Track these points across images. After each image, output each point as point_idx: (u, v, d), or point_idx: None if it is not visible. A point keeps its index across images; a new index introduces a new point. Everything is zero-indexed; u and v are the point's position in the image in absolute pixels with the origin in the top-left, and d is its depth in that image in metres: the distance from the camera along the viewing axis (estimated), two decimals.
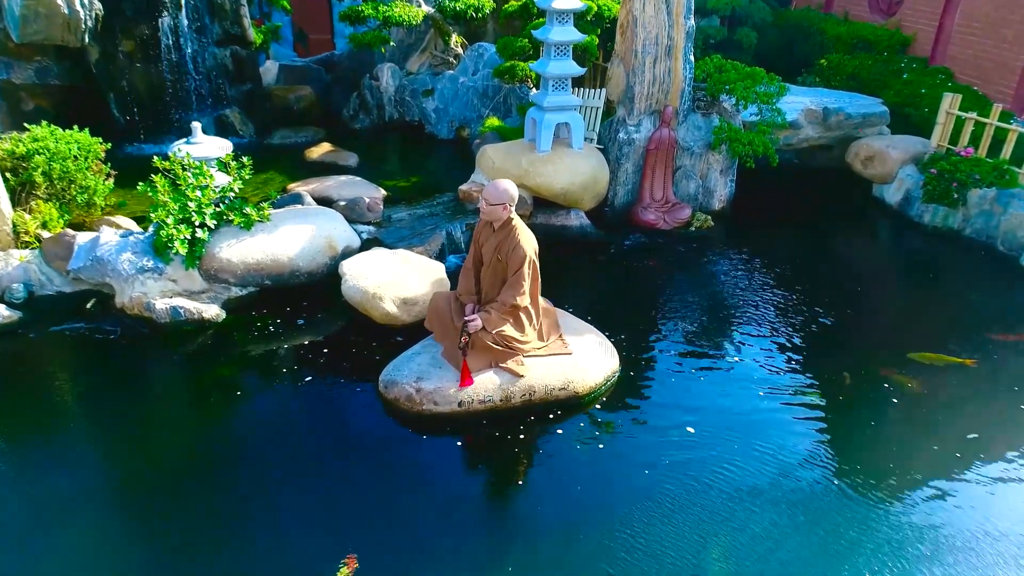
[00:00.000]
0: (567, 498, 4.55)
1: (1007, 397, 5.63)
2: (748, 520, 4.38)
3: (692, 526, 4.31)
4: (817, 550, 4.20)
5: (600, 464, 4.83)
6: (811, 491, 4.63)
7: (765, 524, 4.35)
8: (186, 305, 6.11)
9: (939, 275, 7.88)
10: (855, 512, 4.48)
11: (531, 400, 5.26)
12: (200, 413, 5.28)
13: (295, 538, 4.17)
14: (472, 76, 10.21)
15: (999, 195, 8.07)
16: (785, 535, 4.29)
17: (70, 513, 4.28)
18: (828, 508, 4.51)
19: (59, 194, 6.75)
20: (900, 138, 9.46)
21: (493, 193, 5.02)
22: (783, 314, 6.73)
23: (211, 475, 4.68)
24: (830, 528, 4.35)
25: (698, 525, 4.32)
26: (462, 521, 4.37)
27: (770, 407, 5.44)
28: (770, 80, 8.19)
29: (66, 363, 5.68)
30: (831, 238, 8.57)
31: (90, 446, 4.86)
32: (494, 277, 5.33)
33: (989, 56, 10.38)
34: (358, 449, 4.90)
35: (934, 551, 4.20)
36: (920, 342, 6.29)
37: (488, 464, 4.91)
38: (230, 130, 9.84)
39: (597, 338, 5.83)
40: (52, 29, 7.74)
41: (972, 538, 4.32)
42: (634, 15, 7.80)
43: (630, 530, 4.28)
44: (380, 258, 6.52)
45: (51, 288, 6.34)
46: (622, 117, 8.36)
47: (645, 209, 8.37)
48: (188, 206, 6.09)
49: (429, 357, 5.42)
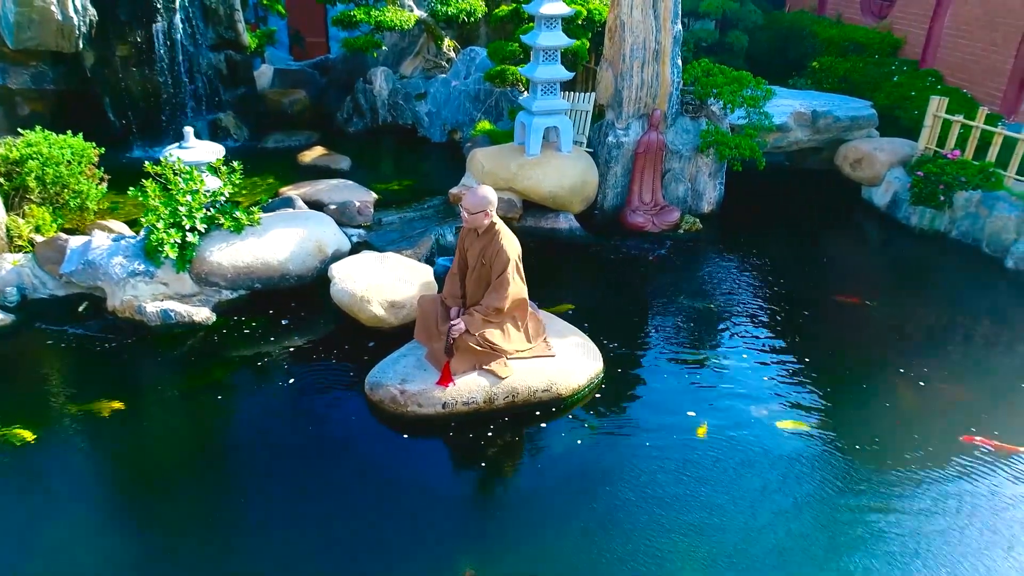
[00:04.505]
0: (545, 497, 4.64)
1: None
2: (725, 523, 4.46)
3: (669, 524, 4.40)
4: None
5: (581, 464, 4.92)
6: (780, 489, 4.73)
7: (738, 524, 4.45)
8: (177, 308, 6.20)
9: (925, 278, 7.95)
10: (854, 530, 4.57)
11: (514, 402, 5.34)
12: (188, 413, 5.37)
13: (277, 537, 4.26)
14: (464, 80, 10.29)
15: (984, 197, 8.14)
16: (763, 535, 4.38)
17: (59, 510, 4.38)
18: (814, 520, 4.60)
19: (52, 198, 6.85)
20: (888, 141, 9.52)
21: (472, 201, 5.10)
22: (768, 317, 6.80)
23: (197, 474, 4.79)
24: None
25: (675, 524, 4.41)
26: (442, 520, 4.46)
27: (749, 408, 5.52)
28: (757, 84, 8.27)
29: (57, 365, 5.76)
30: (818, 241, 8.63)
31: (78, 446, 4.95)
32: (479, 281, 5.41)
33: (978, 59, 10.45)
34: (342, 450, 4.99)
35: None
36: (905, 348, 6.38)
37: (469, 465, 4.99)
38: (224, 134, 9.94)
39: (581, 340, 5.91)
40: (46, 35, 7.84)
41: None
42: (622, 20, 7.88)
43: (609, 528, 4.37)
44: (369, 261, 6.60)
45: (44, 291, 6.43)
46: (611, 121, 8.44)
47: (634, 212, 8.45)
48: (178, 210, 6.17)
49: (414, 359, 5.50)
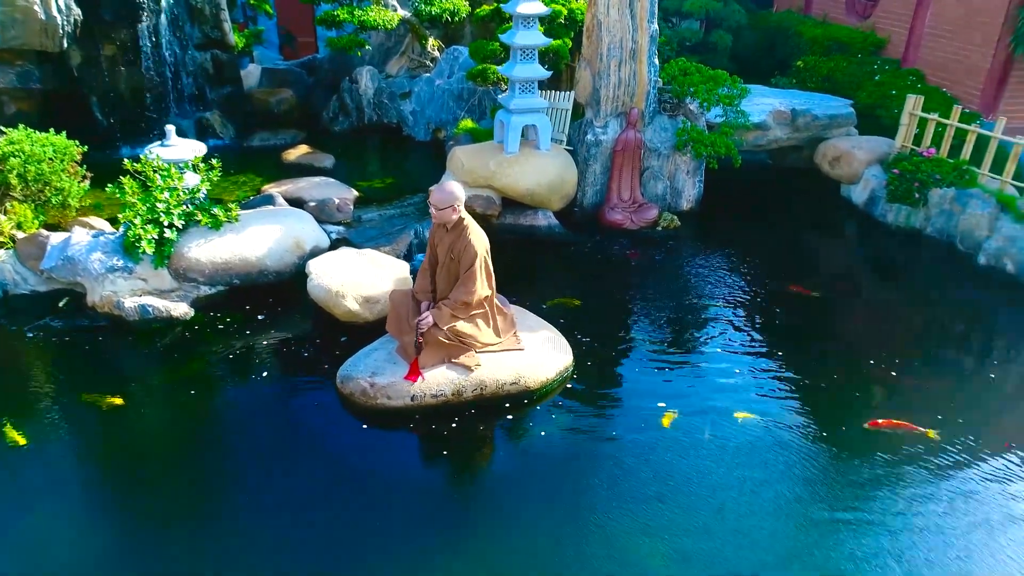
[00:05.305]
0: (510, 487, 4.74)
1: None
2: (685, 505, 4.57)
3: (633, 509, 4.51)
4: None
5: (546, 455, 5.02)
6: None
7: (707, 511, 4.55)
8: (155, 303, 6.29)
9: (897, 275, 8.05)
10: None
11: (482, 394, 5.44)
12: (161, 406, 5.45)
13: (244, 526, 4.36)
14: (448, 79, 10.39)
15: (958, 195, 8.23)
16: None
17: (36, 500, 4.48)
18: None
19: (34, 195, 6.93)
20: (866, 139, 9.62)
21: (439, 197, 5.19)
22: (738, 312, 6.89)
23: (168, 465, 4.90)
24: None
25: (639, 510, 4.52)
26: (406, 509, 4.56)
27: (715, 398, 5.62)
28: (732, 83, 8.36)
29: (36, 360, 5.85)
30: (795, 238, 8.72)
31: (52, 439, 5.03)
32: (448, 276, 5.51)
33: (957, 58, 10.54)
34: (311, 441, 5.09)
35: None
36: (877, 346, 6.47)
37: (434, 456, 5.09)
38: (210, 132, 10.02)
39: (552, 334, 6.01)
40: (30, 35, 7.93)
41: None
42: (599, 19, 7.98)
43: (573, 516, 4.47)
44: (347, 257, 6.69)
45: (25, 287, 6.53)
46: (590, 119, 8.53)
47: (612, 209, 8.54)
48: (156, 207, 6.27)
49: (385, 353, 5.60)
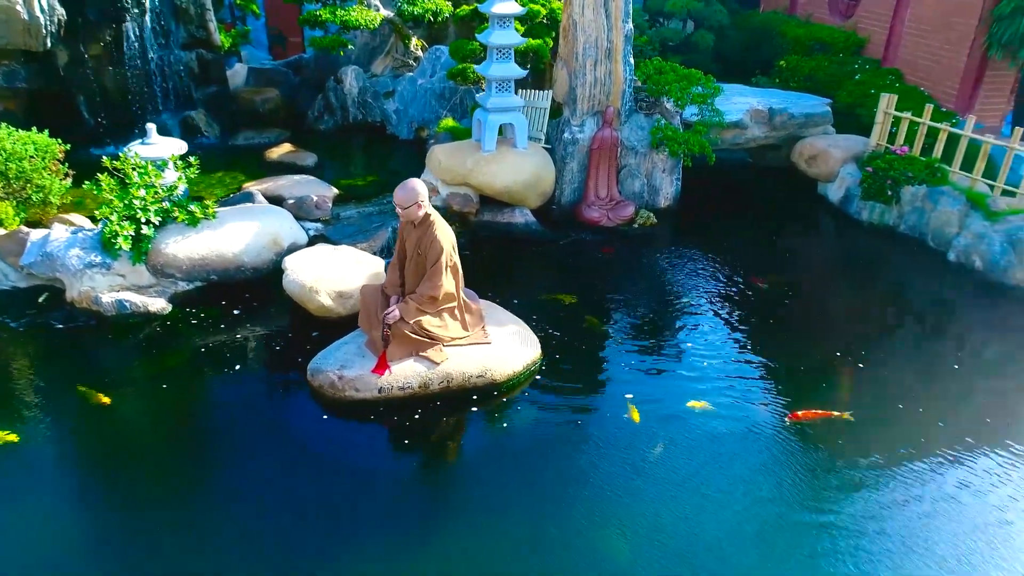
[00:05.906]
0: (474, 478, 4.88)
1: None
2: (645, 492, 4.69)
3: (593, 500, 4.63)
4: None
5: (511, 447, 5.15)
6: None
7: (658, 495, 4.67)
8: (132, 299, 6.41)
9: (868, 271, 8.15)
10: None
11: (449, 387, 5.55)
12: (135, 400, 5.57)
13: (214, 516, 4.49)
14: (430, 78, 10.50)
15: (929, 192, 8.35)
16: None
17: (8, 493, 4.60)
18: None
19: (16, 193, 7.05)
20: (843, 137, 9.74)
21: (402, 196, 5.31)
22: (707, 306, 7.01)
23: (139, 456, 5.02)
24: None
25: (600, 498, 4.64)
26: (373, 499, 4.68)
27: (680, 390, 5.74)
28: (706, 82, 8.47)
29: (13, 354, 5.97)
30: (771, 236, 8.82)
31: (30, 433, 5.15)
32: (416, 271, 5.62)
33: (935, 58, 10.65)
34: (280, 432, 5.22)
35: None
36: (848, 340, 6.58)
37: (401, 447, 5.21)
38: (195, 131, 10.14)
39: (519, 329, 6.12)
40: (13, 34, 8.03)
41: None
42: (574, 19, 8.09)
43: (535, 504, 4.60)
44: (323, 254, 6.81)
45: (6, 283, 6.64)
46: (567, 118, 8.65)
47: (590, 207, 8.66)
48: (134, 203, 6.38)
49: (355, 347, 5.72)
